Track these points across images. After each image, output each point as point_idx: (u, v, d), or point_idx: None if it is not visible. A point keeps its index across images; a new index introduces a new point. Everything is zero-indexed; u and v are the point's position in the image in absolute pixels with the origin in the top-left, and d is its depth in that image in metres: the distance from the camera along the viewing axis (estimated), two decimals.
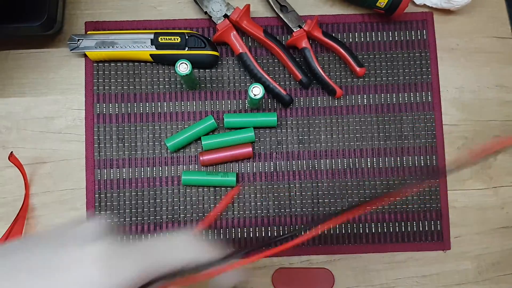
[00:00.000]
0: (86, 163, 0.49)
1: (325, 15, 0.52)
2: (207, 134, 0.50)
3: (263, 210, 0.50)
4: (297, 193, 0.50)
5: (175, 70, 0.44)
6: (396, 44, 0.52)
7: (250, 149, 0.49)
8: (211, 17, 0.49)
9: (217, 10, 0.49)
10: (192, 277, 0.28)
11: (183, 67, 0.44)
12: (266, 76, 0.49)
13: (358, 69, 0.50)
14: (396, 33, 0.52)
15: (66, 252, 0.24)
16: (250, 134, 0.49)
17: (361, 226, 0.50)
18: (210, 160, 0.48)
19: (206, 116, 0.50)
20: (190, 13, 0.52)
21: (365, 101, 0.52)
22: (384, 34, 0.52)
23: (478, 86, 0.53)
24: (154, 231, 0.49)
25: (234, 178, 0.49)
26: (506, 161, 0.52)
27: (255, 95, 0.45)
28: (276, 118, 0.49)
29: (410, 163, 0.51)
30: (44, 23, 0.45)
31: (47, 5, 0.46)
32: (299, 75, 0.50)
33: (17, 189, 0.49)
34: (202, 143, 0.49)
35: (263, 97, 0.47)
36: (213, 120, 0.49)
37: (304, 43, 0.50)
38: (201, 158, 0.48)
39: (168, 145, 0.48)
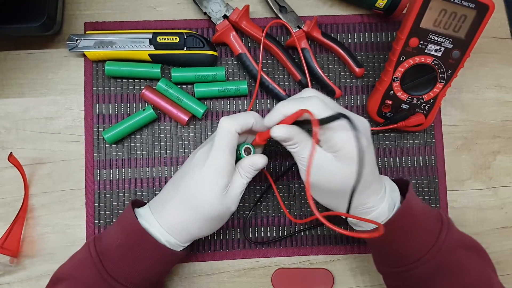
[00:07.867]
0: (85, 163, 0.49)
1: (324, 15, 0.52)
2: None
3: (262, 210, 0.50)
4: (296, 193, 0.50)
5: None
6: None
7: (187, 118, 0.48)
8: (210, 17, 0.49)
9: (216, 11, 0.49)
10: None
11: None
12: (266, 77, 0.49)
13: (357, 69, 0.50)
14: (395, 34, 0.52)
15: None
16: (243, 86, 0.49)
17: None
18: (149, 98, 0.48)
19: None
20: (190, 13, 0.52)
21: (364, 101, 0.52)
22: (383, 35, 0.52)
23: (477, 86, 0.53)
24: None
25: (159, 70, 0.49)
26: (506, 161, 0.52)
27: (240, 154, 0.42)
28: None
29: (410, 163, 0.51)
30: (44, 24, 0.45)
31: (46, 6, 0.46)
32: (298, 76, 0.50)
33: (16, 190, 0.48)
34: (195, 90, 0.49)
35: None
36: (152, 111, 0.48)
37: (303, 44, 0.50)
38: (144, 92, 0.48)
39: (105, 137, 0.48)
